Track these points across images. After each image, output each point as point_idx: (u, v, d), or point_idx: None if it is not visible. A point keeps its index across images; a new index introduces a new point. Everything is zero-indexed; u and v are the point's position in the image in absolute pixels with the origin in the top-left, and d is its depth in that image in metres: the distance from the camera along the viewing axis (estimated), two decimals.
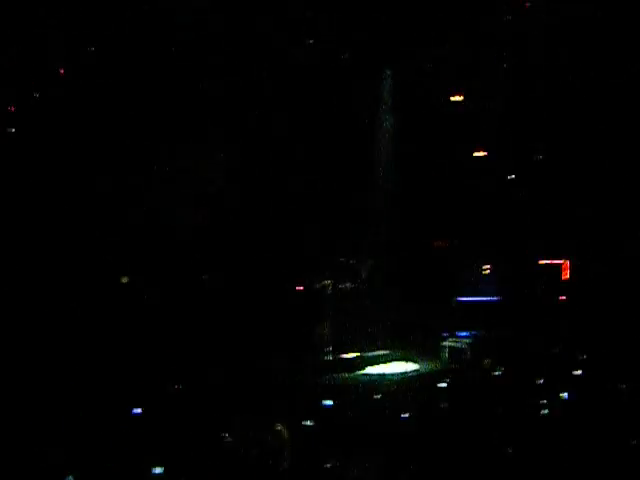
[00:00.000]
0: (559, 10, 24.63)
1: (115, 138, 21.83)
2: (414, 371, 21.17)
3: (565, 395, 14.72)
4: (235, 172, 23.79)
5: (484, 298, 25.14)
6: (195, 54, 22.62)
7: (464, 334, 22.98)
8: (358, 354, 22.09)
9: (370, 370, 21.36)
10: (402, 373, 20.82)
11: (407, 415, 13.93)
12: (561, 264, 26.55)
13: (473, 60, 25.52)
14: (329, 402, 14.94)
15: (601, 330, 21.77)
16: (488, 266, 26.78)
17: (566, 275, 26.49)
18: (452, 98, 26.98)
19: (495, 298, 25.18)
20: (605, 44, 24.38)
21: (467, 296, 25.36)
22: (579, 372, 17.42)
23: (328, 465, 11.19)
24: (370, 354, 22.26)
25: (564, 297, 25.87)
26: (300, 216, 24.08)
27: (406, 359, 21.42)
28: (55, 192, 20.98)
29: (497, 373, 18.81)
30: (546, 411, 13.76)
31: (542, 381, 16.98)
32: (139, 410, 11.76)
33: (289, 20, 23.86)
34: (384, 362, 21.47)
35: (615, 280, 24.89)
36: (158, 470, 10.79)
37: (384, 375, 20.76)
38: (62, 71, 21.88)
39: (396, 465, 11.26)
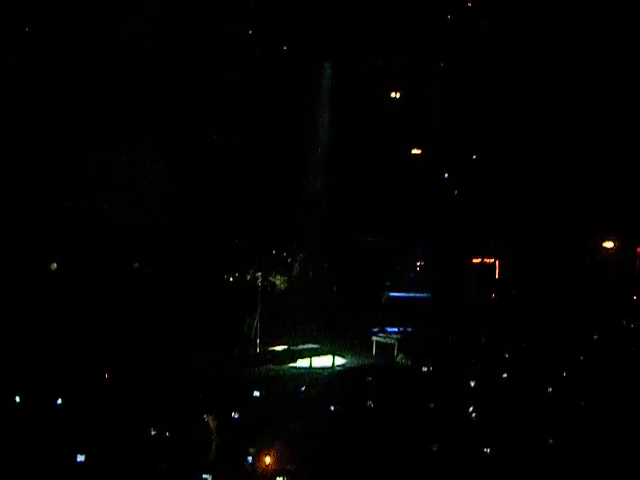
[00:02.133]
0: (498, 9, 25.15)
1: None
2: (341, 365, 21.17)
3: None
4: (174, 164, 23.71)
5: (415, 294, 25.31)
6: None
7: (394, 330, 23.09)
8: (286, 347, 22.04)
9: (299, 363, 21.32)
10: (330, 367, 20.79)
11: (333, 408, 13.98)
12: (493, 263, 26.90)
13: (412, 59, 25.74)
14: (256, 393, 14.91)
15: (530, 328, 22.13)
16: (420, 263, 27.00)
17: (497, 274, 26.88)
18: (392, 95, 27.18)
19: (425, 295, 25.38)
20: (543, 42, 24.89)
21: (398, 292, 25.50)
22: (504, 375, 17.68)
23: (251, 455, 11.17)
24: (299, 347, 22.21)
25: (495, 295, 26.25)
26: (234, 209, 23.98)
27: (335, 353, 21.40)
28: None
29: (424, 369, 19.00)
30: (471, 410, 13.90)
31: (469, 381, 17.23)
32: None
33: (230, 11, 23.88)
34: (312, 355, 21.42)
35: (544, 279, 25.37)
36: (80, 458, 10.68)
37: (312, 368, 20.73)
38: None
39: (320, 456, 11.32)
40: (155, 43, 22.72)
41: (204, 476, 9.76)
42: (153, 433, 12.11)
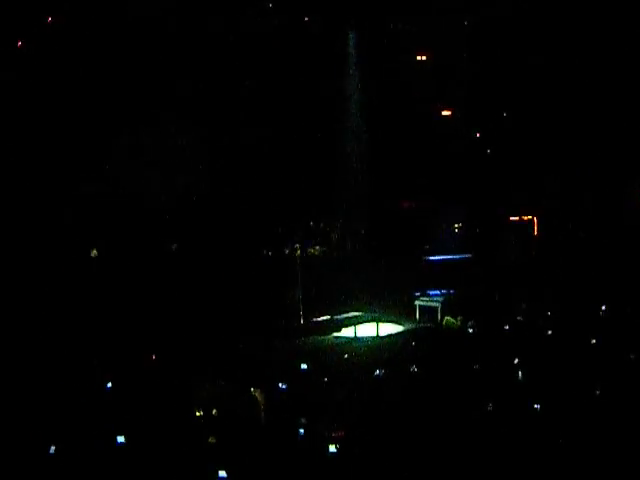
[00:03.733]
0: None
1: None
2: (386, 331, 21.15)
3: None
4: (204, 143, 23.70)
5: (455, 256, 25.18)
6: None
7: (436, 293, 23.02)
8: (329, 317, 22.07)
9: (343, 332, 21.35)
10: (374, 334, 20.79)
11: (379, 373, 13.99)
12: (531, 220, 26.67)
13: (438, 20, 25.48)
14: (304, 365, 14.95)
15: (570, 286, 21.94)
16: (458, 224, 26.84)
17: (535, 231, 26.65)
18: (418, 57, 26.94)
19: (466, 256, 25.24)
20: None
21: (438, 255, 25.39)
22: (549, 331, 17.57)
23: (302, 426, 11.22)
24: (342, 316, 22.24)
25: (534, 252, 26.04)
26: (268, 182, 23.97)
27: (378, 320, 21.38)
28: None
29: (470, 331, 18.94)
30: (519, 373, 13.85)
31: (514, 338, 17.17)
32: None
33: None
34: (356, 323, 21.43)
35: (581, 236, 25.14)
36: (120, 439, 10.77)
37: (356, 337, 20.75)
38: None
39: (369, 422, 11.35)
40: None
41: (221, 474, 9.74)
42: (199, 414, 12.19)
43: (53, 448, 10.45)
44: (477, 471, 9.70)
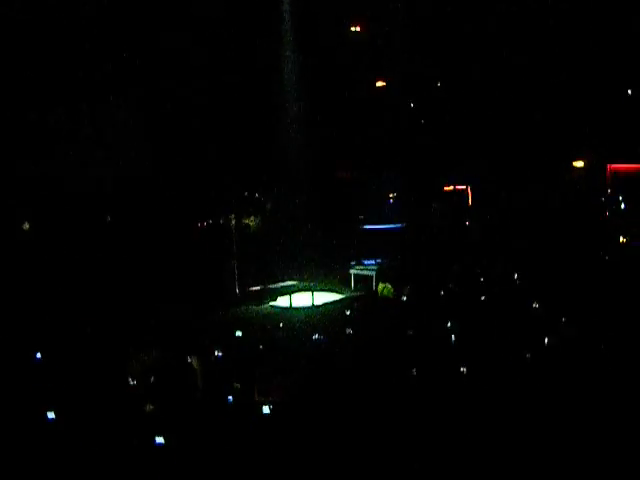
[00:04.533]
0: None
1: None
2: (321, 300, 21.29)
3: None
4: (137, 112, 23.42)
5: (390, 226, 25.40)
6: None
7: (371, 262, 23.21)
8: (264, 286, 22.14)
9: (279, 302, 21.43)
10: (310, 303, 20.92)
11: (317, 337, 14.12)
12: (465, 189, 27.03)
13: None
14: (239, 333, 15.01)
15: (503, 253, 22.29)
16: (394, 194, 27.07)
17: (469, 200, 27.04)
18: (352, 28, 26.96)
19: (400, 225, 25.48)
20: None
21: (373, 224, 25.59)
22: (482, 297, 17.82)
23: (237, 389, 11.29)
24: (277, 286, 22.34)
25: (468, 222, 26.41)
26: (203, 152, 23.81)
27: (313, 289, 21.51)
28: None
29: (404, 298, 19.13)
30: (453, 337, 14.03)
31: (446, 305, 17.38)
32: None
33: None
34: (291, 292, 21.53)
35: (514, 205, 25.54)
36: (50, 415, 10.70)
37: (291, 305, 20.86)
38: None
39: (304, 385, 11.47)
40: None
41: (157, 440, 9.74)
42: (133, 383, 12.16)
43: None
44: (407, 430, 9.84)
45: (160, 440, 9.65)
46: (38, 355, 13.68)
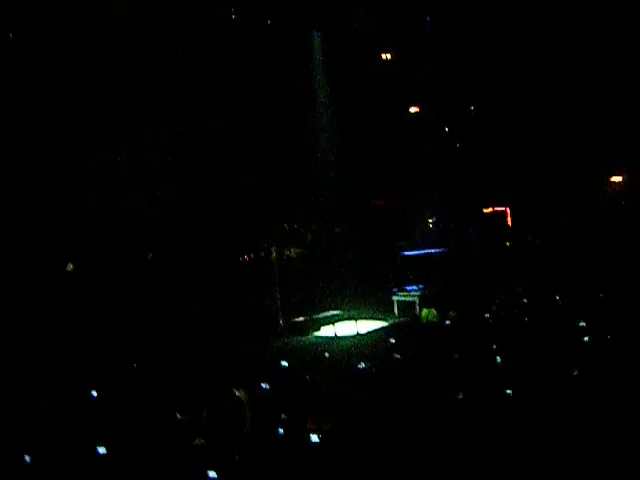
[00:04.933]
0: None
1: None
2: (365, 329, 21.27)
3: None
4: (175, 149, 23.68)
5: (430, 251, 25.40)
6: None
7: (413, 288, 23.17)
8: (309, 317, 22.17)
9: (323, 332, 21.45)
10: (354, 332, 20.90)
11: (363, 366, 14.12)
12: (504, 211, 26.95)
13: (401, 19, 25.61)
14: (284, 363, 15.05)
15: (547, 274, 22.17)
16: (433, 219, 27.08)
17: (509, 222, 26.96)
18: (383, 56, 27.10)
19: (441, 250, 25.46)
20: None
21: (414, 250, 25.61)
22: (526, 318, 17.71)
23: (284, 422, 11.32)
24: (321, 315, 22.36)
25: (509, 243, 26.32)
26: (241, 186, 24.02)
27: (357, 317, 21.51)
28: None
29: (447, 322, 19.08)
30: (498, 359, 13.96)
31: (493, 326, 17.29)
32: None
33: None
34: (335, 322, 21.54)
35: (553, 224, 25.42)
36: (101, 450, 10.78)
37: (336, 335, 20.86)
38: None
39: (351, 413, 11.46)
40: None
41: (210, 474, 9.77)
42: (180, 417, 12.23)
43: (28, 458, 10.44)
44: (459, 459, 9.81)
45: (213, 474, 9.69)
46: (94, 393, 13.85)
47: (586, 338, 14.52)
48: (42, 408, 12.92)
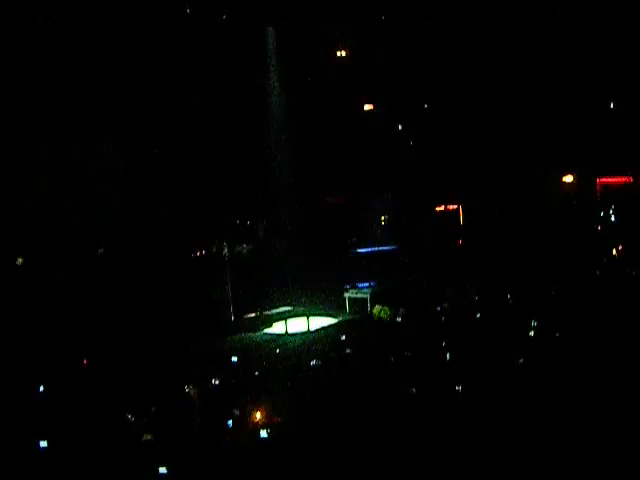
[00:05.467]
0: None
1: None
2: (316, 325, 21.27)
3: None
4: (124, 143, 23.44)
5: (382, 248, 25.48)
6: None
7: (364, 285, 23.22)
8: (260, 313, 22.12)
9: (275, 329, 21.40)
10: (305, 329, 20.90)
11: (313, 363, 14.13)
12: (457, 209, 27.13)
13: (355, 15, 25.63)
14: (234, 358, 15.01)
15: (498, 271, 22.32)
16: (385, 217, 27.15)
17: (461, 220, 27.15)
18: (338, 53, 27.12)
19: (392, 247, 25.55)
20: None
21: (365, 248, 25.67)
22: (478, 315, 17.82)
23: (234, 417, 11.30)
24: (272, 312, 22.33)
25: (460, 240, 26.50)
26: (193, 182, 23.87)
27: (309, 314, 21.50)
28: None
29: (398, 319, 19.15)
30: (448, 355, 14.03)
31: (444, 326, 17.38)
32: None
33: None
34: (287, 318, 21.50)
35: (505, 223, 25.62)
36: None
37: (287, 332, 20.83)
38: None
39: (301, 407, 11.48)
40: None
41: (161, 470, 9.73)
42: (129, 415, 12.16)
43: None
44: (410, 454, 9.86)
45: (163, 470, 9.64)
46: (41, 388, 13.69)
47: (532, 333, 14.69)
48: None
